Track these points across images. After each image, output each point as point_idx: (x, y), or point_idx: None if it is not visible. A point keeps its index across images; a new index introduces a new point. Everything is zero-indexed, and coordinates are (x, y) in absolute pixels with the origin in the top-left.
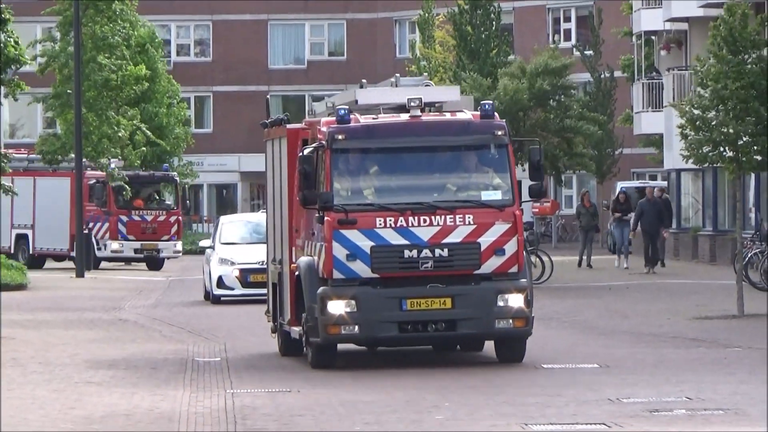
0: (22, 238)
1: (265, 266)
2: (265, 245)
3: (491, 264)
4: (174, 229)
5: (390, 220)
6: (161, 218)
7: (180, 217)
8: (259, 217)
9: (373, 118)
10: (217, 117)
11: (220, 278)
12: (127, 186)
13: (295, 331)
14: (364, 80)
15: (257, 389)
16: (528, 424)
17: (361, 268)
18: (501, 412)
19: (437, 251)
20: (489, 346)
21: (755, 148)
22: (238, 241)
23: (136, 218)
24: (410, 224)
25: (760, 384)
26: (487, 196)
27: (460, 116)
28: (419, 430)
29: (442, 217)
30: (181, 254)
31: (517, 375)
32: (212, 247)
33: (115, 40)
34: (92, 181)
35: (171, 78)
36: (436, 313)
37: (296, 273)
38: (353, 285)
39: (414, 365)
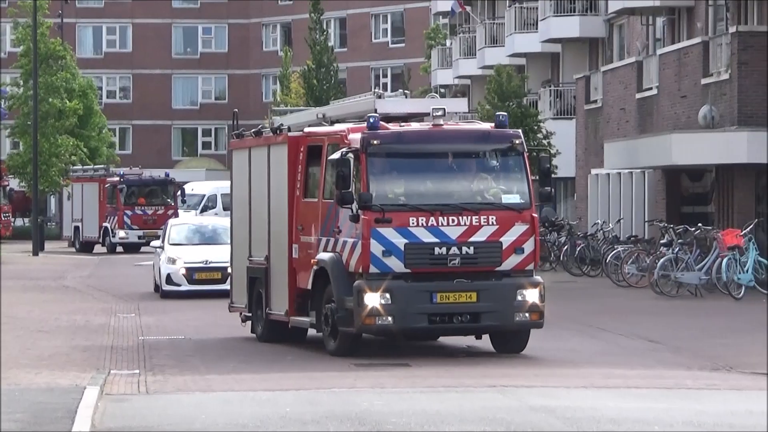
0: (77, 230)
1: (210, 265)
2: (210, 246)
3: (511, 261)
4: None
5: (422, 220)
6: (160, 212)
7: (176, 211)
8: (203, 221)
9: (400, 126)
10: (135, 142)
11: (168, 276)
12: (126, 187)
13: (304, 321)
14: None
15: (161, 336)
16: None
17: (395, 264)
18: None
19: (464, 249)
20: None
21: None
22: (185, 242)
23: (139, 212)
24: (440, 223)
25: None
26: (508, 199)
27: (480, 126)
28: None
29: (468, 217)
30: None
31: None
32: (162, 247)
33: (60, 85)
34: (107, 185)
35: (102, 114)
36: (462, 306)
37: (314, 267)
38: (387, 279)
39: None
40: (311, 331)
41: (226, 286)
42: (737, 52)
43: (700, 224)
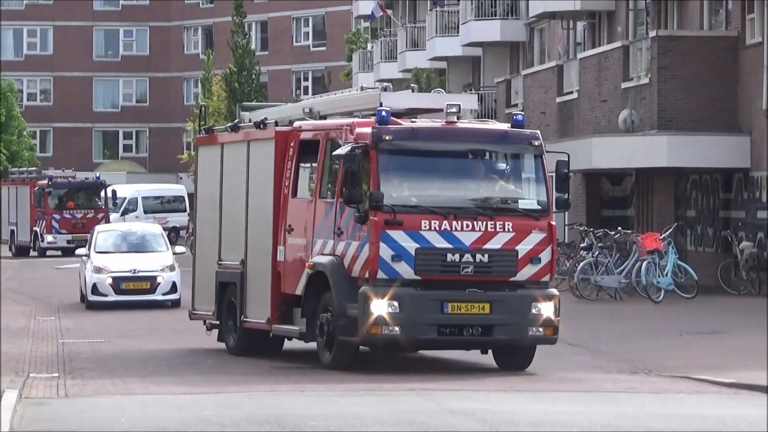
0: (12, 233)
1: (138, 274)
2: (138, 254)
3: (526, 272)
4: (102, 223)
5: (435, 223)
6: (90, 215)
7: (107, 215)
8: (131, 227)
9: (412, 121)
10: (56, 145)
11: (94, 285)
12: (54, 190)
13: (290, 330)
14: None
15: (81, 339)
16: None
17: (405, 269)
18: None
19: (478, 256)
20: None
21: None
22: (112, 250)
23: (68, 216)
24: (453, 228)
25: None
26: (525, 204)
27: (496, 125)
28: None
29: (483, 222)
30: None
31: None
32: (88, 255)
33: None
34: (36, 188)
35: (21, 117)
36: (474, 318)
37: (308, 272)
38: (396, 285)
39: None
40: (290, 343)
41: (156, 296)
42: (657, 57)
43: (620, 228)
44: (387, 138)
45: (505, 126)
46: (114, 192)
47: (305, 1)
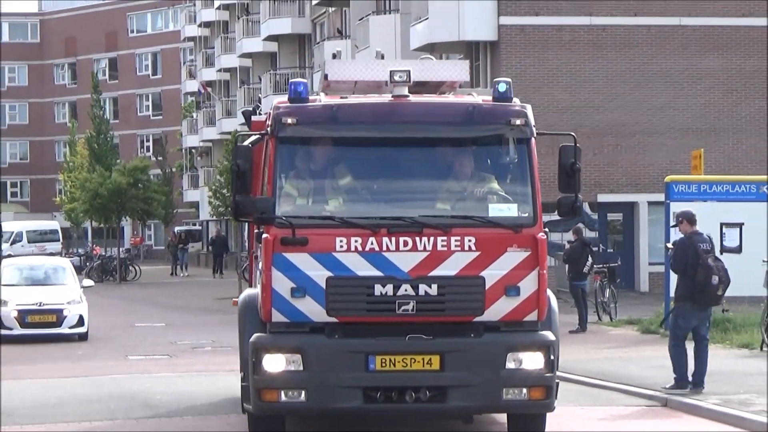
0: None
1: (44, 307)
2: (44, 287)
3: (500, 308)
4: None
5: (356, 242)
6: None
7: None
8: (36, 261)
9: (341, 98)
10: None
11: None
12: None
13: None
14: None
15: None
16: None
17: (312, 309)
18: None
19: (422, 288)
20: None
21: None
22: (18, 282)
23: None
24: (385, 248)
25: None
26: (497, 211)
27: (463, 99)
28: None
29: (431, 239)
30: None
31: None
32: None
33: None
34: None
35: None
36: (418, 376)
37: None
38: (300, 332)
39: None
40: None
41: (62, 330)
42: None
43: None
44: (290, 122)
45: (478, 99)
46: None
47: (146, 81)
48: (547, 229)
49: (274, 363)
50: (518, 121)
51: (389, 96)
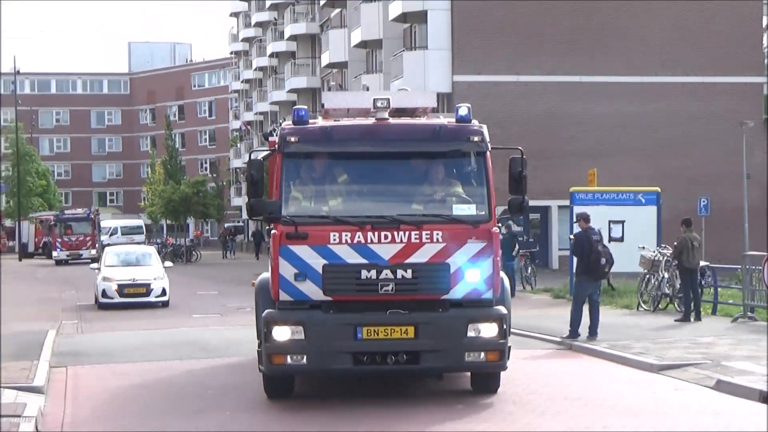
0: (23, 246)
1: (136, 282)
2: (136, 267)
3: (462, 288)
4: (89, 243)
5: (346, 236)
6: (81, 239)
7: (95, 238)
8: (130, 248)
9: (335, 121)
10: (73, 201)
11: (104, 291)
12: (57, 223)
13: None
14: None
15: (88, 302)
16: None
17: (312, 290)
18: None
19: (399, 272)
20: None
21: None
22: (117, 264)
23: (66, 239)
24: (369, 240)
25: None
26: (460, 210)
27: (430, 121)
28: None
29: (407, 233)
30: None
31: None
32: (99, 269)
33: None
34: (42, 221)
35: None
36: (396, 343)
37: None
38: (302, 309)
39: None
40: None
41: (150, 299)
42: None
43: None
44: (292, 140)
45: (443, 121)
46: (99, 223)
47: (204, 121)
48: (500, 224)
49: (282, 333)
50: (476, 138)
51: (373, 119)
